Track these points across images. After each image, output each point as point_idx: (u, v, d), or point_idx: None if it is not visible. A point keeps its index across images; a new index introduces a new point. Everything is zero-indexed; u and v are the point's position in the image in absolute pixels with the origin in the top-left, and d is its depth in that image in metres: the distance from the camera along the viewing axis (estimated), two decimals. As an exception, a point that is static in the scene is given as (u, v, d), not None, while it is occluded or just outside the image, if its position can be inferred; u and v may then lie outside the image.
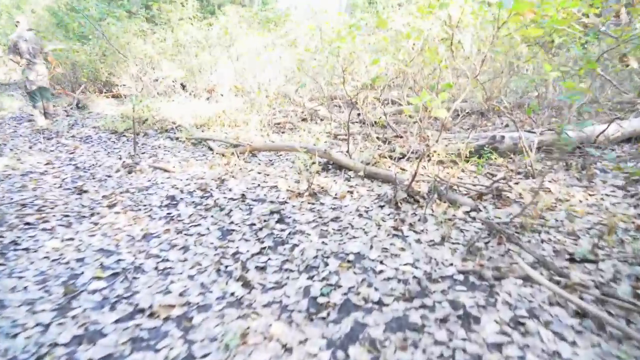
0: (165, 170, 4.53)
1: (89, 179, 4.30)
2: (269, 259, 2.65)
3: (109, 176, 4.40)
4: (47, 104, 6.98)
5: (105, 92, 9.38)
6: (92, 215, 3.39)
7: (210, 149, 5.41)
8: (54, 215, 3.36)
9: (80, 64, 9.61)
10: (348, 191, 3.76)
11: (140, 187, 4.02)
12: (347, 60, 5.94)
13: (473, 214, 3.10)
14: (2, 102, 8.83)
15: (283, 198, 3.64)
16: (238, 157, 4.85)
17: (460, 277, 2.27)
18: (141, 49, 8.65)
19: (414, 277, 2.31)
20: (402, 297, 2.14)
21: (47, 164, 4.87)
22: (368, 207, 3.38)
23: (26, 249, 2.83)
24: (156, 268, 2.58)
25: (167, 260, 2.67)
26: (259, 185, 4.03)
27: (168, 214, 3.40)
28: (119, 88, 9.05)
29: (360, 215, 3.23)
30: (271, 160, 4.94)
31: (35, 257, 2.72)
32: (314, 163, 4.22)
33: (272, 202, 3.57)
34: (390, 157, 4.64)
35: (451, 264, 2.40)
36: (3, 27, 14.02)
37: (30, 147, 5.60)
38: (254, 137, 5.88)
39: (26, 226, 3.17)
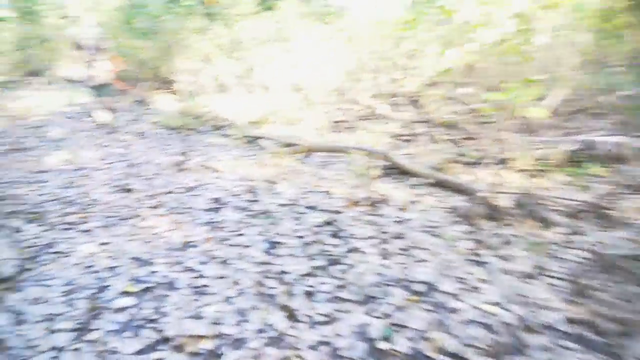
0: (214, 170, 4.25)
1: (137, 177, 4.10)
2: (320, 282, 2.23)
3: (158, 174, 4.18)
4: (108, 99, 7.01)
5: (165, 88, 9.42)
6: (133, 217, 3.13)
7: (263, 147, 5.09)
8: (95, 216, 3.14)
9: (143, 60, 9.73)
10: (413, 201, 3.26)
11: (186, 187, 3.75)
12: (410, 54, 5.42)
13: (571, 236, 2.50)
14: (73, 97, 9.11)
15: (338, 206, 3.21)
16: (291, 157, 4.48)
17: (568, 329, 1.72)
18: (198, 45, 8.57)
19: (503, 322, 1.79)
20: (488, 351, 1.64)
21: (101, 159, 4.76)
22: (437, 223, 2.86)
23: (60, 253, 2.59)
24: (190, 285, 2.24)
25: (204, 276, 2.32)
26: (311, 190, 3.63)
27: (211, 219, 3.07)
28: (177, 84, 9.05)
29: (428, 232, 2.73)
30: (326, 162, 4.52)
31: (67, 262, 2.48)
32: (373, 167, 3.76)
33: (325, 210, 3.14)
34: (461, 162, 4.07)
35: (554, 308, 1.85)
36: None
37: (89, 142, 5.57)
38: (308, 136, 5.50)
39: (66, 226, 2.97)
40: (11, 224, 2.92)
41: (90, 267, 2.44)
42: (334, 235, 2.75)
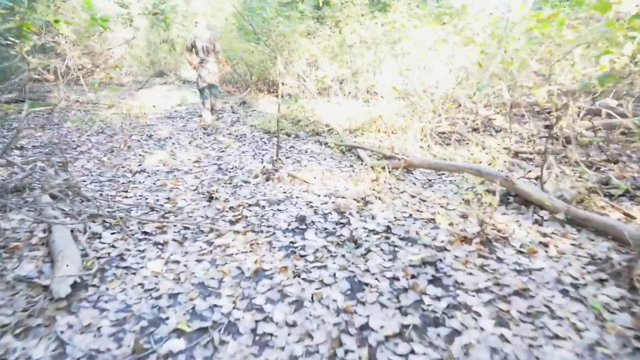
0: (304, 181, 3.88)
1: (225, 184, 3.89)
2: (412, 350, 1.68)
3: (246, 182, 3.93)
4: (214, 100, 7.10)
5: (270, 92, 9.45)
6: (210, 231, 2.86)
7: (360, 159, 4.62)
8: (174, 226, 2.93)
9: (252, 63, 9.88)
10: (541, 243, 2.54)
11: (271, 200, 3.42)
12: (543, 58, 4.53)
13: None
14: (186, 97, 9.56)
15: (442, 241, 2.61)
16: (390, 172, 3.94)
17: None
18: (306, 48, 8.40)
19: None
20: None
21: (195, 161, 4.69)
22: (577, 279, 2.13)
23: (128, 269, 2.38)
24: (254, 331, 1.84)
25: (271, 319, 1.90)
26: (410, 215, 3.06)
27: (292, 243, 2.67)
28: (282, 88, 8.99)
29: (564, 293, 2.03)
30: (430, 180, 3.91)
31: (130, 282, 2.24)
32: (488, 192, 3.08)
33: (426, 245, 2.57)
34: (604, 192, 3.20)
35: None
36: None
37: (189, 142, 5.60)
38: (411, 147, 4.91)
39: (142, 236, 2.79)
40: (92, 229, 2.82)
41: (152, 289, 2.17)
42: (435, 281, 2.17)
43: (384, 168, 4.01)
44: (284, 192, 3.64)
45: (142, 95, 10.05)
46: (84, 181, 3.89)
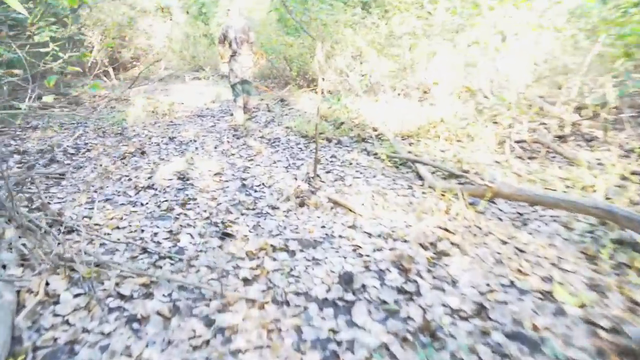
0: (349, 210, 2.87)
1: (247, 210, 2.94)
2: None
3: (274, 208, 2.96)
4: (247, 98, 6.19)
5: (309, 88, 8.47)
6: (214, 296, 1.91)
7: (420, 176, 3.55)
8: (166, 285, 2.00)
9: (291, 57, 8.92)
10: None
11: (305, 241, 2.44)
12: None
13: None
14: (221, 93, 8.73)
15: (583, 347, 1.53)
16: (464, 199, 2.86)
17: None
18: (351, 40, 7.34)
19: None
20: None
21: (217, 173, 3.77)
22: None
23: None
24: None
25: None
26: (511, 282, 1.99)
27: (331, 332, 1.67)
28: (323, 84, 7.98)
29: None
30: (521, 215, 2.79)
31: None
32: (617, 242, 1.99)
33: (551, 349, 1.50)
34: None
35: None
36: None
37: (214, 147, 4.71)
38: (482, 160, 3.79)
39: (116, 302, 1.87)
40: (55, 285, 1.93)
41: None
42: None
43: (456, 195, 2.94)
44: (323, 227, 2.65)
45: (177, 90, 9.33)
46: (72, 202, 3.04)
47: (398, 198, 3.10)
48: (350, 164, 4.01)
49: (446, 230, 2.54)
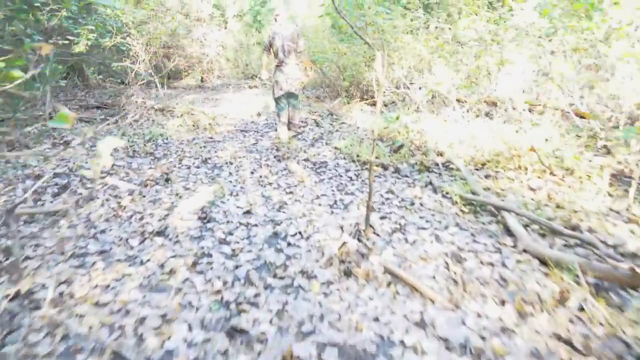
0: (413, 288, 1.98)
1: (273, 279, 2.12)
2: None
3: (310, 278, 2.12)
4: (293, 112, 5.43)
5: (364, 101, 7.58)
6: None
7: (509, 232, 2.56)
8: None
9: (344, 66, 8.08)
10: None
11: (349, 354, 1.58)
12: None
13: None
14: (269, 104, 8.07)
15: None
16: (588, 285, 1.87)
17: None
18: (411, 47, 6.39)
19: None
20: None
21: (246, 212, 3.00)
22: None
23: None
24: None
25: None
26: None
27: None
28: (379, 97, 7.09)
29: None
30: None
31: None
32: None
33: None
34: None
35: None
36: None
37: (251, 173, 3.97)
38: (591, 206, 2.74)
39: None
40: None
41: None
42: None
43: (571, 270, 1.95)
44: (376, 320, 1.77)
45: (226, 99, 8.81)
46: (55, 257, 2.37)
47: (483, 269, 2.15)
48: (412, 204, 3.09)
49: (571, 346, 1.58)
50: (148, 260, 2.29)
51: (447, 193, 3.20)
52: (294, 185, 3.61)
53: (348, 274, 2.11)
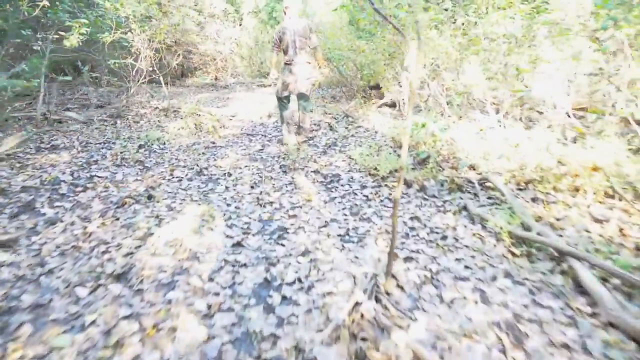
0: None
1: (264, 352, 1.50)
2: None
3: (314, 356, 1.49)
4: (304, 115, 4.79)
5: (382, 103, 6.87)
6: None
7: (580, 287, 1.86)
8: None
9: (361, 64, 7.37)
10: None
11: None
12: None
13: None
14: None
15: None
16: None
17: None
18: (435, 43, 5.66)
19: None
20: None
21: (235, 244, 2.38)
22: None
23: None
24: None
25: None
26: None
27: None
28: (399, 98, 6.38)
29: None
30: None
31: None
32: None
33: None
34: None
35: None
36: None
37: (251, 187, 3.35)
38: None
39: None
40: None
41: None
42: None
43: None
44: None
45: (238, 99, 8.21)
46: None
47: (556, 356, 1.47)
48: (444, 237, 2.41)
49: None
50: (93, 322, 1.68)
51: (485, 221, 2.50)
52: (298, 206, 2.97)
53: (361, 358, 1.46)
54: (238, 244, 2.38)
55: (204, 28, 11.17)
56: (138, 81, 6.04)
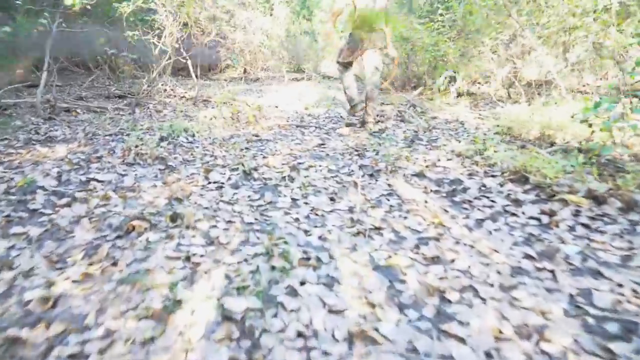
0: None
1: None
2: None
3: None
4: (370, 99, 3.45)
5: (455, 90, 5.43)
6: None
7: None
8: None
9: (420, 48, 5.95)
10: None
11: None
12: None
13: None
14: (327, 96, 6.09)
15: None
16: None
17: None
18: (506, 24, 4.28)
19: None
20: None
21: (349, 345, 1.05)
22: None
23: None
24: None
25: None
26: None
27: None
28: (476, 83, 4.99)
29: None
30: None
31: None
32: None
33: None
34: None
35: None
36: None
37: (331, 200, 2.02)
38: None
39: None
40: None
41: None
42: None
43: None
44: None
45: (272, 91, 6.90)
46: None
47: None
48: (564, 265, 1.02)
49: None
50: None
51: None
52: (428, 237, 1.61)
53: None
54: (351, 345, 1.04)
55: (234, 16, 9.88)
56: (161, 64, 4.75)
